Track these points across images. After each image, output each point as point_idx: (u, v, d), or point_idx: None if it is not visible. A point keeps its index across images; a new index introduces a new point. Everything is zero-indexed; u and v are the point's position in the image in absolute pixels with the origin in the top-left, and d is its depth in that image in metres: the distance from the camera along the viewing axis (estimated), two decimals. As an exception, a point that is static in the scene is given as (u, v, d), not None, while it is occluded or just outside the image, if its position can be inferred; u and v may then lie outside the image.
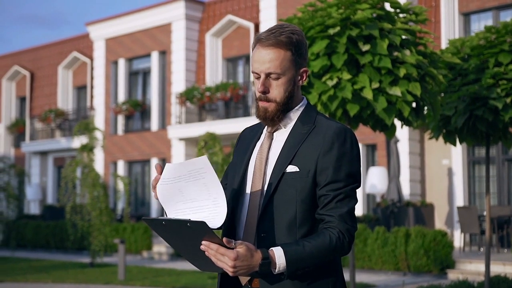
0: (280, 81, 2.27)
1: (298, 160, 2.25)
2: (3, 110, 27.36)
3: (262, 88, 2.27)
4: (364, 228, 13.51)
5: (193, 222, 2.00)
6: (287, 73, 2.27)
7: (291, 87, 2.30)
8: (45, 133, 25.08)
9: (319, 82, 6.20)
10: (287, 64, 2.26)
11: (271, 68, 2.25)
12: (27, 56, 27.13)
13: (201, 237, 2.03)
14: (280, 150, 2.31)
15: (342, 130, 2.27)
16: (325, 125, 2.29)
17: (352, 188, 2.25)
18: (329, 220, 2.21)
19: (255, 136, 2.45)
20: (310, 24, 6.24)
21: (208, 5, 21.61)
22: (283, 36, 2.25)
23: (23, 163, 26.36)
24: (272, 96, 2.28)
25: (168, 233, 2.11)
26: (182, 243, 2.12)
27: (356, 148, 2.29)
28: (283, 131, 2.35)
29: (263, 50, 2.26)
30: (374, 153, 17.38)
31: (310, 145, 2.26)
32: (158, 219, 2.07)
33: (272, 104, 2.29)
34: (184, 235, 2.07)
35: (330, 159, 2.22)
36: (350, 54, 6.18)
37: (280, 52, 2.25)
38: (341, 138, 2.25)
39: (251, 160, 2.38)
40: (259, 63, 2.27)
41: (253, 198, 2.30)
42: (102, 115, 23.11)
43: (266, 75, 2.27)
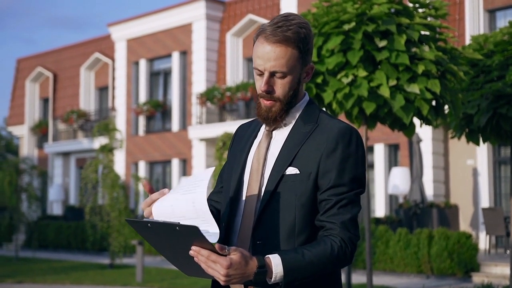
0: (285, 80, 2.09)
1: (299, 162, 2.07)
2: (26, 111, 27.54)
3: (266, 87, 2.08)
4: (386, 230, 13.26)
5: (183, 226, 1.82)
6: (293, 72, 2.09)
7: (296, 85, 2.12)
8: (67, 134, 25.18)
9: (334, 80, 6.01)
10: (294, 62, 2.08)
11: (276, 66, 2.06)
12: (50, 57, 27.29)
13: (190, 242, 1.86)
14: (279, 150, 2.12)
15: (347, 130, 2.08)
16: (328, 124, 2.11)
17: (356, 193, 2.06)
18: (330, 228, 2.02)
19: (251, 135, 2.26)
20: (324, 19, 6.05)
21: (229, 4, 21.48)
22: (290, 32, 2.05)
23: (46, 164, 26.49)
24: (277, 95, 2.10)
25: (154, 236, 1.94)
26: (168, 247, 1.95)
27: (362, 150, 2.11)
28: (283, 130, 2.16)
29: (268, 46, 2.06)
30: (397, 153, 17.08)
31: (312, 145, 2.08)
32: (143, 221, 1.90)
33: (276, 103, 2.11)
34: (171, 239, 1.90)
35: (334, 161, 2.04)
36: (366, 50, 5.98)
37: (287, 49, 2.06)
38: (346, 139, 2.06)
39: (248, 161, 2.20)
40: (263, 60, 2.07)
41: (249, 202, 2.12)
42: (123, 116, 23.11)
43: (271, 74, 2.08)
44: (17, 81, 28.61)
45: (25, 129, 27.51)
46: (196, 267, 1.91)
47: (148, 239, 1.98)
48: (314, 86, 6.11)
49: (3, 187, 18.24)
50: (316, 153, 2.06)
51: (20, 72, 28.51)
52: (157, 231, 1.90)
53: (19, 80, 28.46)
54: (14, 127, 28.35)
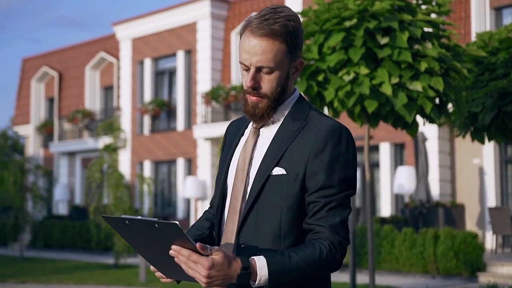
0: (272, 76, 1.99)
1: (286, 162, 1.97)
2: (32, 111, 27.56)
3: (252, 83, 1.99)
4: (391, 229, 13.15)
5: (162, 223, 1.74)
6: (280, 67, 1.99)
7: (284, 81, 2.02)
8: (73, 133, 25.17)
9: (336, 77, 5.92)
10: (281, 57, 1.98)
11: (262, 61, 1.96)
12: (56, 57, 27.29)
13: (170, 241, 1.78)
14: (266, 149, 2.03)
15: (337, 128, 1.98)
16: (318, 122, 2.01)
17: (346, 195, 1.97)
18: (319, 231, 1.93)
19: (239, 131, 2.18)
20: (326, 16, 5.96)
21: (234, 3, 21.41)
22: (277, 25, 1.95)
23: (52, 164, 26.50)
24: (263, 91, 2.01)
25: (133, 234, 1.86)
26: (148, 247, 1.87)
27: (352, 149, 2.01)
28: (271, 127, 2.07)
29: (254, 39, 1.96)
30: (403, 152, 16.96)
31: (299, 144, 1.98)
32: (120, 218, 1.82)
33: (264, 99, 2.02)
34: (151, 238, 1.82)
35: (322, 161, 1.94)
36: (367, 47, 5.89)
37: (274, 43, 1.96)
38: (336, 138, 1.97)
39: (234, 159, 2.11)
40: (249, 54, 1.98)
41: (234, 203, 2.03)
42: (128, 115, 23.08)
43: (257, 69, 1.99)
44: (23, 80, 28.64)
45: (31, 128, 27.53)
46: (176, 268, 1.83)
47: (127, 238, 1.90)
48: (316, 84, 6.03)
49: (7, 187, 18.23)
50: (304, 152, 1.96)
51: (25, 71, 28.53)
52: (136, 229, 1.82)
53: (25, 80, 28.49)
54: (20, 127, 28.38)
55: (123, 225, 1.83)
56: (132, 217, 1.80)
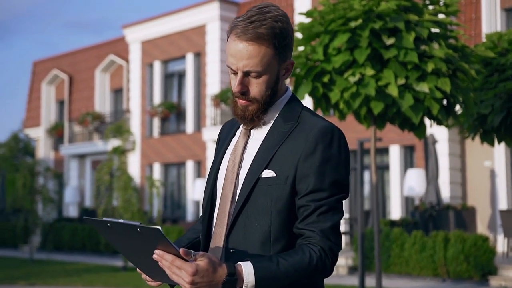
0: (261, 79, 1.94)
1: (276, 164, 1.91)
2: (43, 113, 27.66)
3: (239, 88, 1.94)
4: (401, 232, 13.04)
5: (144, 228, 1.70)
6: (269, 70, 1.94)
7: (273, 83, 1.97)
8: (83, 136, 25.23)
9: (341, 79, 5.85)
10: (269, 60, 1.92)
11: (249, 65, 1.91)
12: (66, 60, 27.38)
13: (153, 245, 1.74)
14: (256, 150, 1.98)
15: (329, 129, 1.92)
16: (309, 123, 1.95)
17: (338, 199, 1.90)
18: (309, 236, 1.87)
19: (230, 132, 2.13)
20: (331, 17, 5.90)
21: (243, 5, 21.37)
22: (264, 27, 1.89)
23: (62, 166, 26.57)
24: (252, 96, 1.95)
25: (116, 237, 1.83)
26: (131, 249, 1.84)
27: (345, 151, 1.94)
28: (262, 128, 2.01)
29: (240, 43, 1.90)
30: (413, 155, 16.84)
31: (290, 146, 1.92)
32: (103, 220, 1.79)
33: (253, 103, 1.96)
34: (134, 242, 1.79)
35: (312, 163, 1.88)
36: (373, 48, 5.82)
37: (260, 47, 1.90)
38: (327, 139, 1.90)
39: (224, 161, 2.06)
40: (236, 59, 1.92)
41: (223, 206, 1.98)
42: (138, 118, 23.10)
43: (244, 73, 1.93)
44: (34, 83, 28.76)
45: (42, 131, 27.63)
46: (161, 272, 1.79)
47: (111, 240, 1.87)
48: (321, 85, 5.97)
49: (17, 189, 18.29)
50: (294, 154, 1.91)
51: (36, 74, 28.65)
52: (119, 232, 1.79)
53: (36, 83, 28.61)
54: (31, 130, 28.49)
55: (106, 227, 1.80)
56: (114, 220, 1.77)
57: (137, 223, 1.72)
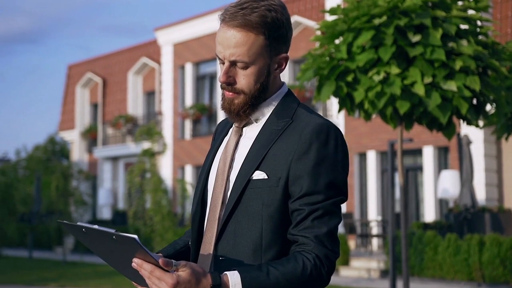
0: (248, 71, 1.80)
1: (267, 165, 1.77)
2: (77, 116, 27.96)
3: (224, 78, 1.81)
4: (434, 235, 12.76)
5: (119, 235, 1.60)
6: (257, 62, 1.80)
7: (263, 77, 1.82)
8: (116, 138, 25.41)
9: (365, 78, 5.68)
10: (258, 50, 1.78)
11: (236, 54, 1.78)
12: (100, 63, 27.64)
13: (131, 253, 1.64)
14: (248, 150, 1.84)
15: (324, 127, 1.77)
16: (304, 120, 1.80)
17: (334, 202, 1.75)
18: (303, 242, 1.72)
19: (224, 131, 2.00)
20: (355, 14, 5.73)
21: (274, 6, 21.24)
22: (254, 15, 1.76)
23: (96, 169, 26.80)
24: (239, 87, 1.82)
25: (93, 242, 1.74)
26: (111, 255, 1.74)
27: (342, 150, 1.79)
28: (254, 126, 1.87)
29: (227, 30, 1.78)
30: (447, 156, 16.49)
31: (283, 145, 1.78)
32: (78, 225, 1.68)
33: (240, 95, 1.83)
34: (111, 248, 1.69)
35: (306, 164, 1.74)
36: (398, 46, 5.63)
37: (249, 35, 1.77)
38: (322, 138, 1.76)
39: (215, 162, 1.92)
40: (223, 47, 1.80)
41: (213, 210, 1.84)
42: (170, 120, 23.16)
43: (231, 63, 1.80)
44: (68, 87, 29.11)
45: (76, 134, 27.93)
46: (142, 278, 1.67)
47: (88, 245, 1.78)
48: (345, 84, 5.80)
49: (50, 191, 18.48)
50: (287, 154, 1.76)
51: (71, 78, 28.99)
52: (95, 238, 1.69)
53: (70, 86, 28.95)
54: (66, 132, 28.83)
55: (82, 233, 1.70)
56: (89, 225, 1.67)
57: (112, 230, 1.61)
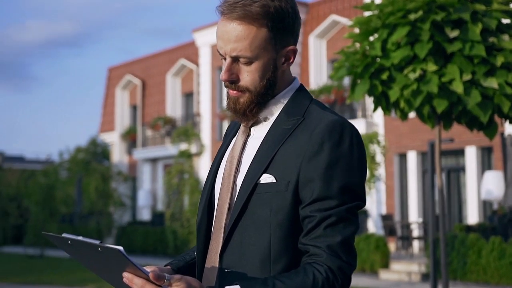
0: (252, 67, 1.65)
1: (276, 167, 1.61)
2: (117, 118, 28.21)
3: (226, 75, 1.65)
4: (477, 238, 12.39)
5: (105, 247, 1.48)
6: (261, 56, 1.64)
7: (270, 73, 1.67)
8: (155, 140, 25.54)
9: (401, 75, 5.46)
10: (262, 44, 1.63)
11: (237, 49, 1.63)
12: (139, 65, 27.85)
13: (118, 264, 1.52)
14: (256, 151, 1.68)
15: (337, 124, 1.60)
16: (316, 117, 1.63)
17: (349, 208, 1.58)
18: (314, 253, 1.55)
19: (233, 131, 1.84)
20: (389, 9, 5.52)
21: (312, 6, 21.03)
22: (255, 5, 1.61)
23: (136, 170, 26.99)
24: (243, 85, 1.66)
25: (79, 254, 1.63)
26: (97, 266, 1.63)
27: (358, 150, 1.62)
28: (263, 126, 1.72)
29: (227, 23, 1.63)
30: (490, 156, 16.01)
31: (292, 145, 1.62)
32: (63, 237, 1.57)
33: (245, 94, 1.67)
34: (99, 261, 1.58)
35: (318, 166, 1.57)
36: (435, 42, 5.40)
37: (250, 28, 1.62)
38: (335, 136, 1.59)
39: (222, 165, 1.77)
40: (223, 42, 1.65)
41: (219, 217, 1.69)
42: (208, 121, 23.14)
43: (233, 59, 1.65)
44: (109, 89, 29.41)
45: (116, 136, 28.18)
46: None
47: (76, 258, 1.67)
48: (379, 83, 5.59)
49: (90, 193, 18.65)
50: (297, 155, 1.60)
51: (111, 80, 29.29)
52: (81, 250, 1.58)
53: (110, 88, 29.24)
54: (106, 134, 29.13)
55: (67, 244, 1.59)
56: (73, 237, 1.55)
57: (96, 241, 1.49)
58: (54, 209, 21.72)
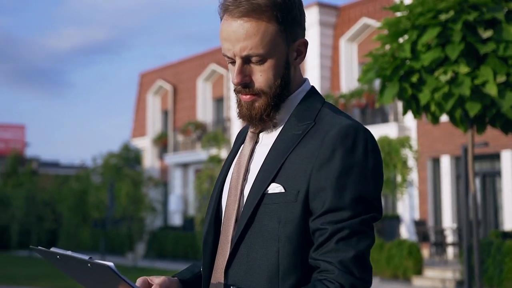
0: (266, 65, 1.52)
1: (285, 176, 1.49)
2: (148, 123, 28.36)
3: (239, 78, 1.53)
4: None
5: (94, 263, 1.40)
6: (274, 53, 1.52)
7: (283, 70, 1.54)
8: (186, 145, 25.59)
9: (431, 78, 5.29)
10: (273, 39, 1.51)
11: (248, 48, 1.50)
12: (170, 70, 27.97)
13: (109, 281, 1.44)
14: (264, 159, 1.56)
15: (351, 129, 1.47)
16: (328, 122, 1.51)
17: (364, 220, 1.45)
18: (325, 269, 1.43)
19: (242, 137, 1.72)
20: (419, 10, 5.35)
21: (343, 9, 20.84)
22: None
23: (167, 175, 27.06)
24: (258, 87, 1.54)
25: (68, 268, 1.55)
26: (87, 281, 1.55)
27: (374, 157, 1.49)
28: (272, 131, 1.60)
29: (233, 22, 1.51)
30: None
31: (302, 152, 1.50)
32: (52, 252, 1.49)
33: (260, 97, 1.55)
34: (88, 274, 1.50)
35: (329, 174, 1.45)
36: (467, 43, 5.21)
37: (259, 23, 1.50)
38: (348, 142, 1.46)
39: (229, 173, 1.66)
40: (231, 42, 1.52)
41: (225, 230, 1.58)
42: (238, 127, 23.07)
43: (244, 59, 1.52)
44: (140, 94, 29.59)
45: (148, 141, 28.33)
46: None
47: (64, 271, 1.59)
48: (409, 85, 5.42)
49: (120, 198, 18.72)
50: (307, 163, 1.47)
51: (143, 86, 29.48)
52: (71, 265, 1.50)
53: (142, 94, 29.42)
54: (138, 140, 29.31)
55: (56, 259, 1.51)
56: (63, 251, 1.46)
57: (86, 257, 1.40)
58: (87, 214, 21.90)
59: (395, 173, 12.37)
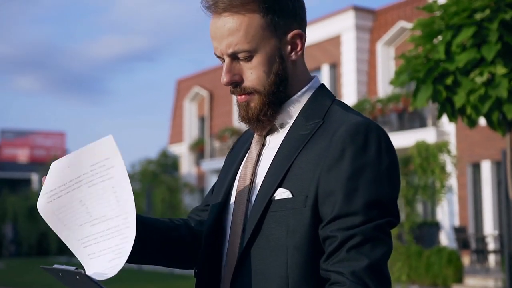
0: (254, 62, 1.43)
1: (292, 180, 1.38)
2: (185, 130, 28.49)
3: (228, 77, 1.44)
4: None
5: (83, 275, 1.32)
6: (262, 47, 1.42)
7: (276, 65, 1.44)
8: (222, 151, 25.61)
9: (467, 80, 5.10)
10: (259, 32, 1.41)
11: (233, 44, 1.41)
12: (207, 76, 28.08)
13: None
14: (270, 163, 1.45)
15: (361, 126, 1.36)
16: (337, 120, 1.40)
17: (378, 225, 1.32)
18: (336, 281, 1.30)
19: (248, 141, 1.62)
20: (453, 9, 5.17)
21: (379, 13, 20.60)
22: None
23: (204, 181, 27.11)
24: (249, 85, 1.44)
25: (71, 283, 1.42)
26: None
27: (388, 156, 1.36)
28: (279, 133, 1.49)
29: (217, 19, 1.43)
30: None
31: (310, 154, 1.38)
32: (54, 269, 1.39)
33: (253, 96, 1.45)
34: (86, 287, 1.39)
35: (339, 176, 1.33)
36: (504, 43, 5.02)
37: (241, 16, 1.41)
38: (359, 141, 1.34)
39: (236, 178, 1.55)
40: (217, 40, 1.44)
41: (233, 239, 1.47)
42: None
43: (231, 57, 1.44)
44: (177, 101, 29.77)
45: (185, 147, 28.46)
46: None
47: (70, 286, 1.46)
48: (444, 88, 5.24)
49: (156, 204, 18.79)
50: (315, 165, 1.36)
51: (179, 92, 29.66)
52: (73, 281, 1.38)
53: (179, 100, 29.60)
54: (175, 146, 29.47)
55: (59, 277, 1.41)
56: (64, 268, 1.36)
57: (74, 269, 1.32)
58: (124, 220, 22.05)
59: (433, 178, 12.11)
